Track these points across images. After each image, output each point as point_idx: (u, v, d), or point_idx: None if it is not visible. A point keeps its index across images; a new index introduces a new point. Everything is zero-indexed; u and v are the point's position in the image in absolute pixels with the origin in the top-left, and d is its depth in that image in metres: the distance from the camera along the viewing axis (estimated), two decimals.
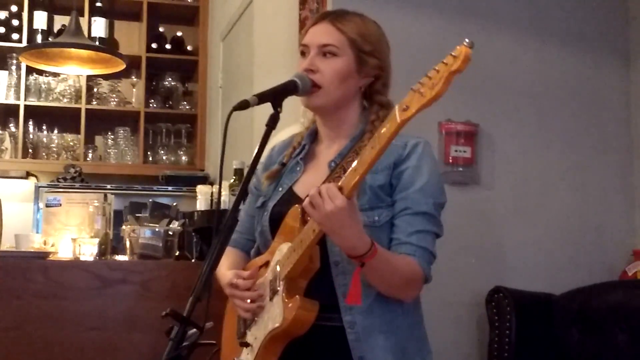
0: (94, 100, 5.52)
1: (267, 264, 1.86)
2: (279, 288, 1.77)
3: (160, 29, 5.76)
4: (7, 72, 5.40)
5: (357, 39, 1.86)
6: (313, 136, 2.01)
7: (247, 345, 1.83)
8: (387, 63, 1.95)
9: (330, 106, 1.89)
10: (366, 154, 1.55)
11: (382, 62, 1.92)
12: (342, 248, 1.68)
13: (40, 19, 5.32)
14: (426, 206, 1.79)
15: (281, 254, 1.79)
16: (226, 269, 1.94)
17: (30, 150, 5.39)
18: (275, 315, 1.76)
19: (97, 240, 2.99)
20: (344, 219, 1.59)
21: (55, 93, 5.45)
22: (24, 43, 5.27)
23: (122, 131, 5.57)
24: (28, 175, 5.44)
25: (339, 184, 1.59)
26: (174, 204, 3.30)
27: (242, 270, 1.90)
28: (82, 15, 5.13)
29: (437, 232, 1.83)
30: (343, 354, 1.78)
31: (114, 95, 5.59)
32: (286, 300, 1.74)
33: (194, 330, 1.54)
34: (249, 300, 1.85)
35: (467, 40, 1.57)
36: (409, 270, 1.75)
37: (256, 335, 1.82)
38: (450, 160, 3.25)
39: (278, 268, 1.78)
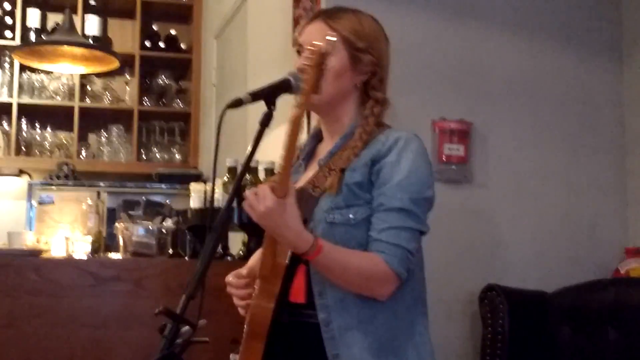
0: (87, 98, 5.51)
1: None
2: (255, 287, 1.80)
3: (154, 27, 5.75)
4: (0, 70, 5.39)
5: (350, 37, 1.86)
6: (318, 136, 2.02)
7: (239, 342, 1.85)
8: (384, 59, 1.93)
9: (324, 104, 1.89)
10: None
11: (378, 58, 1.90)
12: (286, 246, 1.72)
13: (34, 17, 5.30)
14: (400, 202, 1.75)
15: None
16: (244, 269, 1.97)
17: (23, 148, 5.38)
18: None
19: (90, 238, 3.00)
20: (276, 218, 1.64)
21: (49, 91, 5.44)
22: (17, 41, 5.25)
23: (115, 129, 5.56)
24: (21, 172, 5.43)
25: (273, 184, 1.65)
26: (168, 201, 3.31)
27: (241, 269, 1.93)
28: (76, 13, 5.12)
29: (415, 228, 1.77)
30: (321, 351, 1.77)
31: (108, 93, 5.58)
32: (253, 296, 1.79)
33: (187, 327, 1.55)
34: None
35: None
36: (369, 268, 1.72)
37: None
38: (444, 159, 3.26)
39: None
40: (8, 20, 5.38)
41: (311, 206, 1.81)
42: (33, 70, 5.21)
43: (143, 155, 5.58)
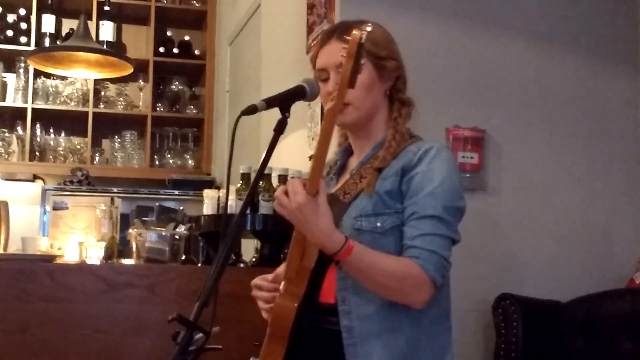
0: (101, 103, 5.53)
1: None
2: (280, 289, 1.79)
3: (168, 33, 5.78)
4: (15, 75, 5.42)
5: (371, 48, 1.84)
6: (348, 151, 2.01)
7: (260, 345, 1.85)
8: (401, 59, 1.95)
9: (363, 119, 1.89)
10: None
11: (399, 61, 1.93)
12: (317, 246, 1.70)
13: (49, 23, 5.32)
14: (433, 209, 1.75)
15: None
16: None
17: (37, 153, 5.40)
18: None
19: (103, 243, 2.99)
20: (307, 214, 1.63)
21: (63, 96, 5.46)
22: (32, 46, 5.29)
23: (129, 135, 5.58)
24: (35, 178, 5.45)
25: (304, 180, 1.66)
26: (181, 208, 3.31)
27: (267, 275, 1.93)
28: (90, 19, 5.15)
29: (449, 236, 1.77)
30: (335, 357, 1.77)
31: (121, 99, 5.60)
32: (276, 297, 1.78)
33: (201, 334, 1.54)
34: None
35: (369, 25, 1.71)
36: (402, 271, 1.71)
37: None
38: (458, 167, 3.25)
39: None
40: (23, 25, 5.42)
41: (340, 212, 1.80)
42: (47, 75, 5.24)
43: (156, 161, 5.60)
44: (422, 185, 1.78)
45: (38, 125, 5.41)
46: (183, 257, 2.94)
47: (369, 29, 1.66)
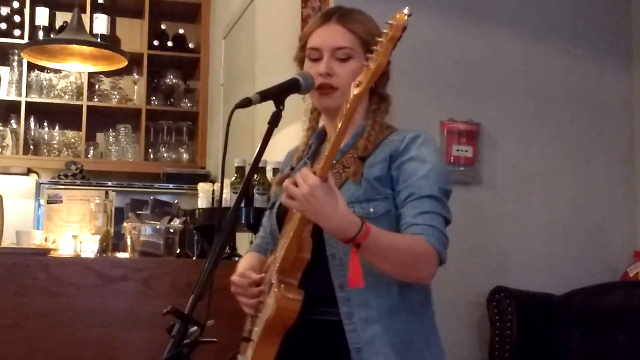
0: (95, 97, 5.52)
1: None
2: (273, 281, 1.78)
3: (162, 27, 5.76)
4: (8, 68, 5.40)
5: (369, 39, 1.84)
6: (321, 136, 2.01)
7: (248, 340, 1.84)
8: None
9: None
10: (333, 134, 1.62)
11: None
12: (332, 234, 1.67)
13: (42, 15, 5.31)
14: (430, 190, 1.78)
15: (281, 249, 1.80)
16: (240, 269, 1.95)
17: (31, 147, 5.39)
18: (268, 307, 1.77)
19: (98, 237, 2.99)
20: (322, 197, 1.59)
21: (57, 90, 5.45)
22: (26, 39, 5.26)
23: (123, 128, 5.57)
24: (29, 171, 5.44)
25: (314, 168, 1.62)
26: (175, 201, 3.30)
27: (248, 272, 1.91)
28: (84, 12, 5.12)
29: (446, 216, 1.80)
30: (341, 348, 1.77)
31: (116, 92, 5.59)
32: (276, 290, 1.75)
33: (195, 327, 1.54)
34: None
35: (407, 8, 1.59)
36: (416, 246, 1.71)
37: (257, 330, 1.82)
38: (452, 160, 3.25)
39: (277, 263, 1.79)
40: (17, 18, 5.40)
41: None
42: (41, 68, 5.23)
43: (151, 155, 5.59)
44: (416, 169, 1.80)
45: (32, 119, 5.40)
46: (178, 251, 2.94)
47: (407, 12, 1.59)
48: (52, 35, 5.20)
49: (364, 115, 1.92)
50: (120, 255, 3.01)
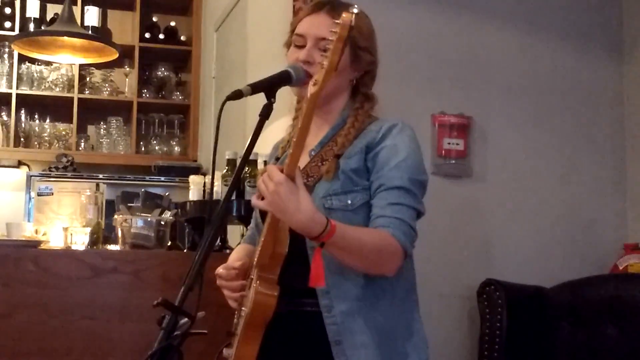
0: (86, 89, 5.50)
1: None
2: (252, 276, 1.79)
3: (154, 19, 5.74)
4: None
5: (355, 35, 1.83)
6: None
7: (233, 334, 1.85)
8: (377, 58, 1.97)
9: (322, 98, 1.89)
10: (296, 133, 1.64)
11: (374, 58, 1.95)
12: (298, 231, 1.68)
13: (33, 7, 5.28)
14: (400, 180, 1.78)
15: None
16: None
17: (22, 139, 5.37)
18: (249, 301, 1.78)
19: (89, 229, 2.98)
20: (285, 195, 1.61)
21: (48, 82, 5.43)
22: (17, 31, 5.24)
23: (114, 121, 5.55)
24: (20, 164, 5.42)
25: (280, 166, 1.65)
26: (167, 194, 3.29)
27: (233, 262, 1.92)
28: (75, 4, 5.11)
29: (416, 207, 1.79)
30: (322, 339, 1.78)
31: (107, 85, 5.57)
32: (254, 285, 1.76)
33: (186, 319, 1.54)
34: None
35: (355, 7, 1.65)
36: (381, 242, 1.72)
37: (240, 324, 1.83)
38: (443, 153, 3.26)
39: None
40: (7, 10, 5.37)
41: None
42: (32, 60, 5.21)
43: (142, 148, 5.58)
44: (388, 159, 1.80)
45: (23, 111, 5.37)
46: (169, 243, 2.94)
47: (356, 11, 1.63)
48: (43, 27, 5.18)
49: (345, 109, 1.93)
50: (111, 247, 3.00)
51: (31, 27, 5.25)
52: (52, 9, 5.42)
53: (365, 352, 1.77)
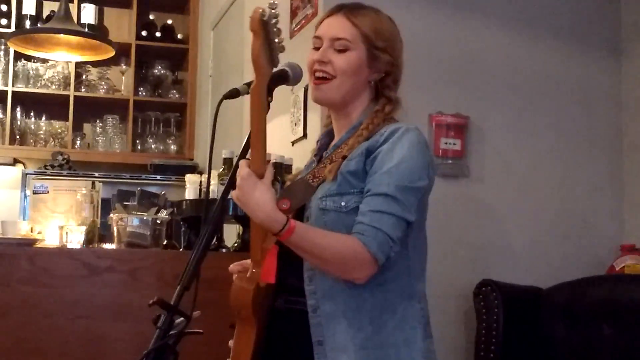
0: (82, 87, 5.48)
1: None
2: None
3: (151, 17, 5.73)
4: None
5: (371, 34, 1.87)
6: (331, 134, 2.01)
7: (233, 327, 1.85)
8: (399, 60, 1.96)
9: (338, 99, 1.89)
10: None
11: (394, 59, 1.94)
12: (262, 226, 1.70)
13: (29, 4, 5.27)
14: (386, 187, 1.74)
15: None
16: None
17: (17, 137, 5.36)
18: None
19: (84, 228, 2.98)
20: (248, 191, 1.66)
21: (44, 79, 5.41)
22: (13, 28, 5.23)
23: (110, 119, 5.54)
24: (15, 162, 5.41)
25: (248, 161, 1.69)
26: (163, 192, 3.29)
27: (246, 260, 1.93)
28: (72, 2, 5.08)
29: (399, 215, 1.73)
30: (307, 338, 1.78)
31: (103, 83, 5.56)
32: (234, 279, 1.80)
33: (181, 319, 1.54)
34: None
35: (275, 4, 1.73)
36: (345, 249, 1.70)
37: None
38: (440, 153, 3.25)
39: None
40: (3, 7, 5.36)
41: (309, 195, 1.82)
42: (28, 58, 5.19)
43: (138, 146, 5.57)
44: (382, 164, 1.78)
45: (19, 109, 5.36)
46: (164, 242, 2.93)
47: (274, 5, 1.71)
48: (39, 25, 5.17)
49: (365, 111, 1.91)
50: (107, 246, 2.99)
51: (27, 24, 5.24)
52: (49, 7, 5.41)
53: (347, 356, 1.75)
